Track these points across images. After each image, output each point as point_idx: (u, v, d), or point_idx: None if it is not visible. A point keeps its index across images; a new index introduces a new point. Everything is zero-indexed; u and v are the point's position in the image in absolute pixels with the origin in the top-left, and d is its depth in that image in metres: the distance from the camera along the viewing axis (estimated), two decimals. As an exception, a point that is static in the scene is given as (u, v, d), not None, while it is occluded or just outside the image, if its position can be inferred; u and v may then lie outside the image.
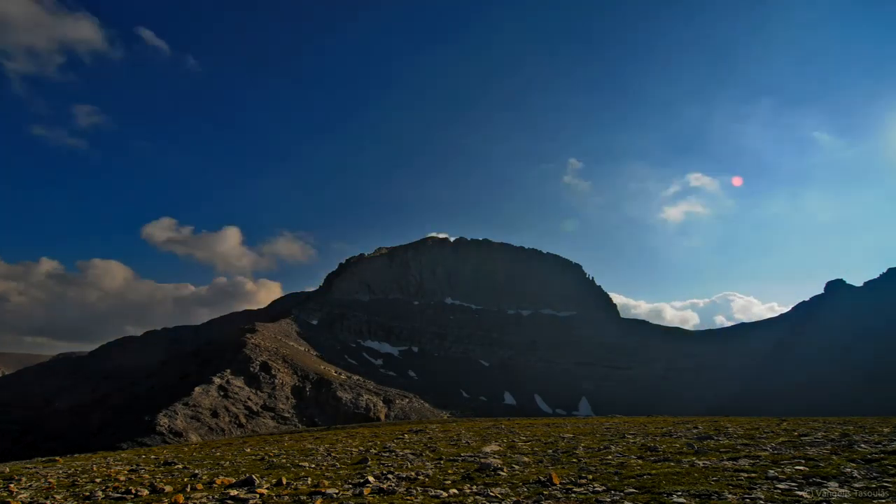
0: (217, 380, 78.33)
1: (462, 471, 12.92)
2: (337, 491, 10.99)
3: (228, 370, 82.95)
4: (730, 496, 8.31)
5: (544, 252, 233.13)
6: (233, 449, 28.26)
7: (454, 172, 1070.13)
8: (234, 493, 11.46)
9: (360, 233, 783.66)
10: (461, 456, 16.40)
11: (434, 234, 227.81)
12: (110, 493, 12.84)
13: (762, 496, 8.19)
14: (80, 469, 20.62)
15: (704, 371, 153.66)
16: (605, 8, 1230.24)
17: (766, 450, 13.67)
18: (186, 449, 32.31)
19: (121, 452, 35.16)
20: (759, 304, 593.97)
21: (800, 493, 8.29)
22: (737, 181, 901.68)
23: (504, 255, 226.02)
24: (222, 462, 20.12)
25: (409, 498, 9.93)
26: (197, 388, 73.69)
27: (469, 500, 9.37)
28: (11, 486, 15.49)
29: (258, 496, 10.99)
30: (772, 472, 10.05)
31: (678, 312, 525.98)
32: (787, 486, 8.77)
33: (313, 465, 16.69)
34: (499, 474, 12.00)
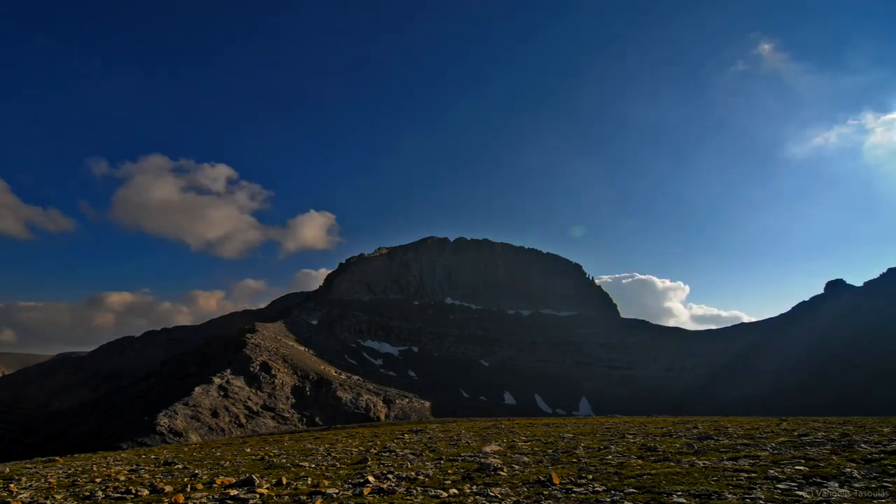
0: (217, 380, 78.32)
1: (462, 471, 12.92)
2: (337, 491, 10.99)
3: (228, 370, 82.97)
4: (730, 496, 8.31)
5: (544, 252, 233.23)
6: (233, 449, 28.28)
7: (455, 172, 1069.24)
8: (234, 492, 11.47)
9: (360, 232, 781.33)
10: (461, 456, 16.40)
11: (434, 235, 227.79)
12: (110, 493, 12.85)
13: (762, 496, 8.19)
14: (80, 469, 20.62)
15: (704, 371, 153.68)
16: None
17: (766, 450, 13.67)
18: (186, 449, 32.33)
19: (121, 452, 35.17)
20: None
21: (800, 493, 8.30)
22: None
23: (504, 255, 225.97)
24: (222, 462, 20.13)
25: (409, 498, 9.93)
26: (197, 388, 73.67)
27: (469, 500, 9.37)
28: (11, 486, 15.50)
29: (258, 496, 11.00)
30: (772, 472, 10.05)
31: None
32: (787, 486, 8.78)
33: (313, 465, 16.69)
34: (499, 474, 12.01)
